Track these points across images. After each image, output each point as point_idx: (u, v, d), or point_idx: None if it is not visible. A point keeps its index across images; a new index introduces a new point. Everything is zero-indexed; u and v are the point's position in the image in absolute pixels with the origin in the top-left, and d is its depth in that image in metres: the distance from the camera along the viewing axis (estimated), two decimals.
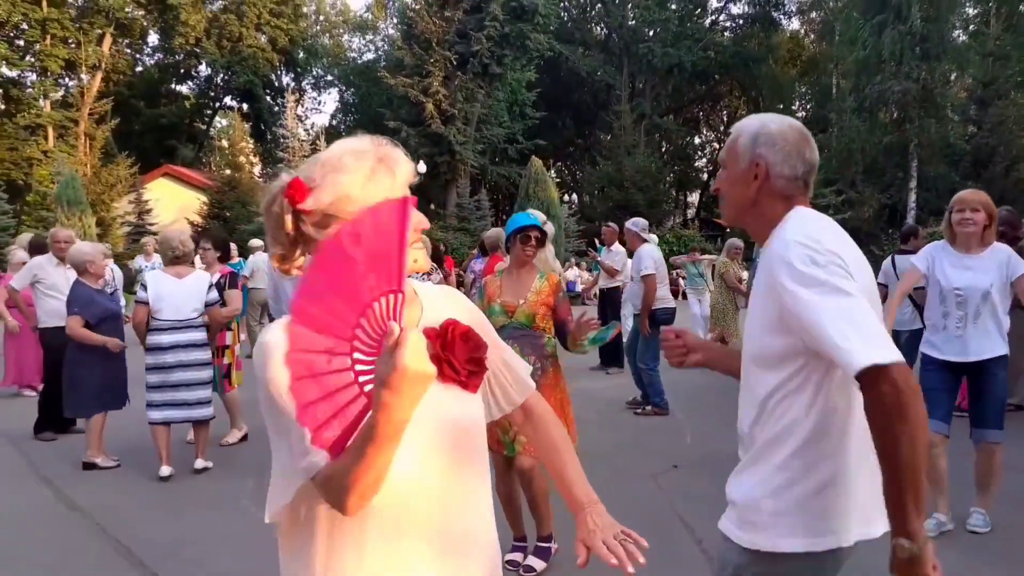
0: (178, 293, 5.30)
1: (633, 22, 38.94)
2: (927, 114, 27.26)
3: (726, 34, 41.53)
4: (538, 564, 3.66)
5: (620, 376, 9.07)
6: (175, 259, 5.42)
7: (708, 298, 10.72)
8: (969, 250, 3.97)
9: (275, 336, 1.21)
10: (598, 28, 42.27)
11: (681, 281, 12.23)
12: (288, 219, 1.30)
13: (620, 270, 9.60)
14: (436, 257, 9.24)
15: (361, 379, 1.07)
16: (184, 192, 32.27)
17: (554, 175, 38.97)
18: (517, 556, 3.72)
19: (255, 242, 12.06)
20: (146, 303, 5.23)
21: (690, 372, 8.02)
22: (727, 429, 2.01)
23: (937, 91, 27.57)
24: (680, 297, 14.01)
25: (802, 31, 43.43)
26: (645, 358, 7.12)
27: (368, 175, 1.28)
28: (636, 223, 7.66)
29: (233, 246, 10.76)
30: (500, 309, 3.65)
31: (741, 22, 41.91)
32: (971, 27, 31.83)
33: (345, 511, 1.16)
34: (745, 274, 10.04)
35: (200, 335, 5.36)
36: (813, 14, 41.08)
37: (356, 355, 1.07)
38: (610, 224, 10.08)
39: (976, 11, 32.52)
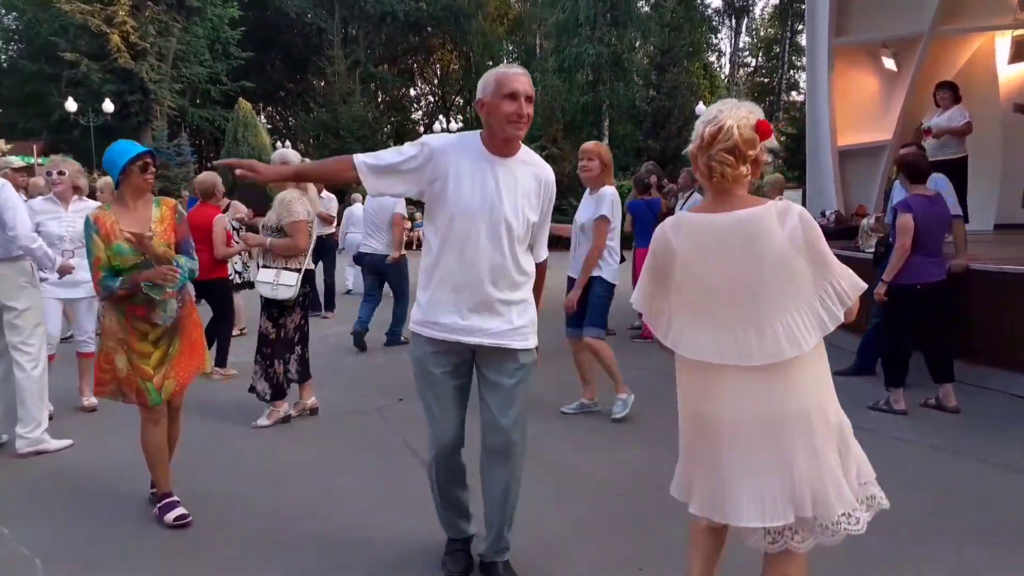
0: None
1: None
2: (616, 77, 29.99)
3: None
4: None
5: (335, 322, 9.00)
6: None
7: None
8: (590, 191, 4.98)
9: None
10: None
11: None
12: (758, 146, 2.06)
13: (334, 216, 9.70)
14: None
15: None
16: None
17: (265, 120, 36.92)
18: (180, 510, 3.39)
19: None
20: None
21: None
22: None
23: (625, 56, 30.40)
24: None
25: None
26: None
27: None
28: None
29: None
30: (129, 248, 3.28)
31: None
32: None
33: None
34: None
35: None
36: None
37: None
38: None
39: None
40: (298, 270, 4.87)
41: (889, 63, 10.03)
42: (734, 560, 2.49)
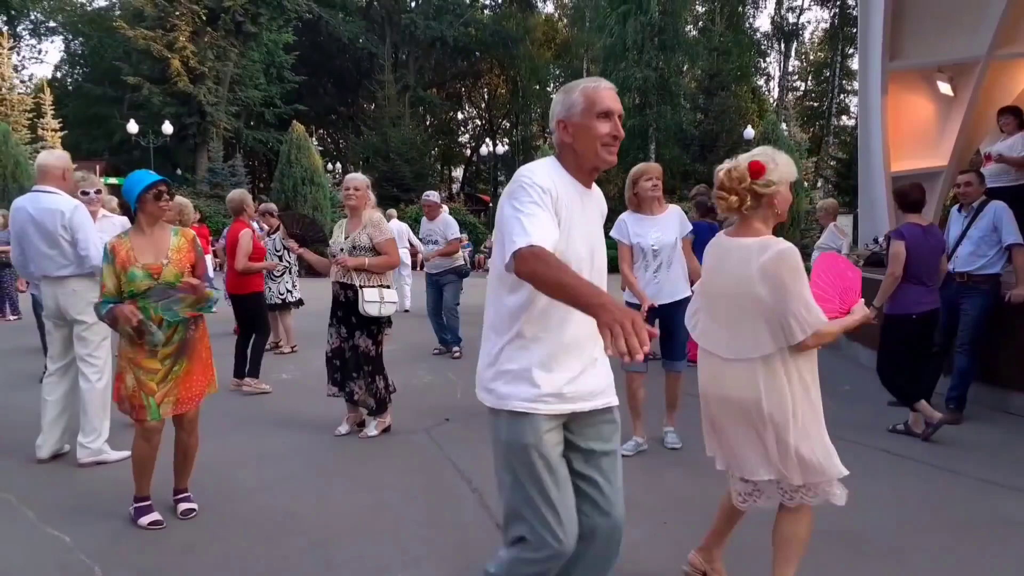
0: None
1: None
2: (663, 101, 29.99)
3: (486, 12, 42.54)
4: (195, 504, 3.77)
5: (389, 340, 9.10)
6: None
7: None
8: (653, 211, 4.77)
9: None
10: None
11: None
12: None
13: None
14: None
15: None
16: None
17: (316, 143, 37.73)
18: (154, 515, 3.61)
19: None
20: None
21: (461, 332, 8.03)
22: None
23: (672, 80, 30.43)
24: None
25: (556, 15, 45.67)
26: (453, 304, 8.37)
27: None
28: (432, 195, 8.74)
29: None
30: (143, 273, 3.44)
31: (500, 1, 43.16)
32: (700, 23, 35.39)
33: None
34: None
35: None
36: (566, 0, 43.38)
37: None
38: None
39: (704, 8, 36.22)
40: (390, 285, 5.10)
41: (945, 88, 9.85)
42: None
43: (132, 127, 26.25)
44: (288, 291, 8.45)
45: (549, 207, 2.00)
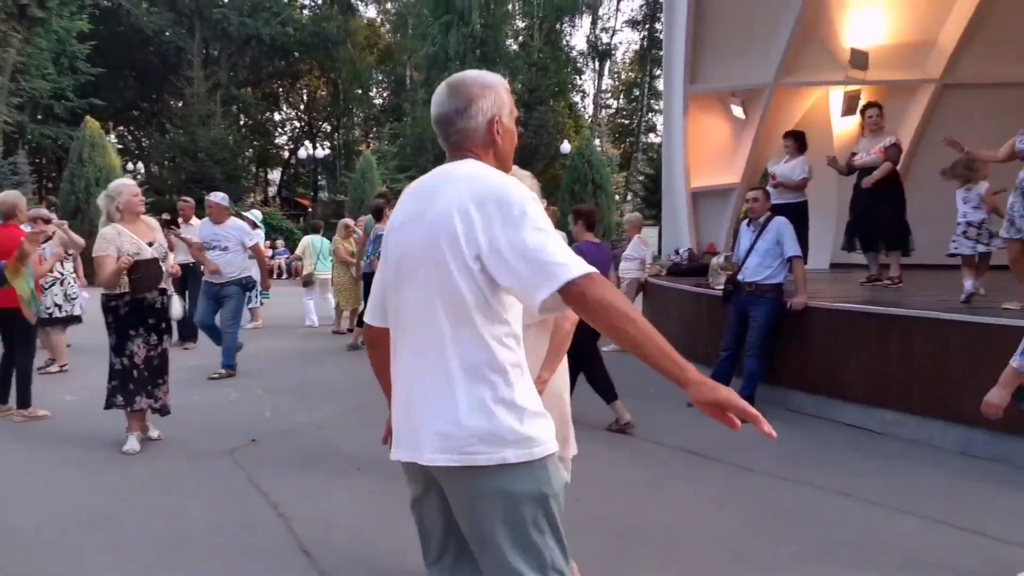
0: None
1: None
2: None
3: (304, 12, 41.26)
4: None
5: (194, 354, 8.52)
6: None
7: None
8: None
9: None
10: None
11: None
12: None
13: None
14: None
15: None
16: None
17: (115, 140, 34.99)
18: None
19: None
20: None
21: (272, 345, 7.80)
22: (305, 405, 1.98)
23: None
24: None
25: (379, 20, 45.18)
26: (231, 320, 7.49)
27: None
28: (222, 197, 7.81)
29: None
30: None
31: (320, 2, 42.04)
32: (520, 38, 36.35)
33: None
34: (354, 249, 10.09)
35: None
36: (389, 5, 43.03)
37: None
38: (187, 199, 9.83)
39: (524, 24, 37.26)
40: None
41: (737, 111, 10.71)
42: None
43: None
44: (57, 305, 7.57)
45: None
